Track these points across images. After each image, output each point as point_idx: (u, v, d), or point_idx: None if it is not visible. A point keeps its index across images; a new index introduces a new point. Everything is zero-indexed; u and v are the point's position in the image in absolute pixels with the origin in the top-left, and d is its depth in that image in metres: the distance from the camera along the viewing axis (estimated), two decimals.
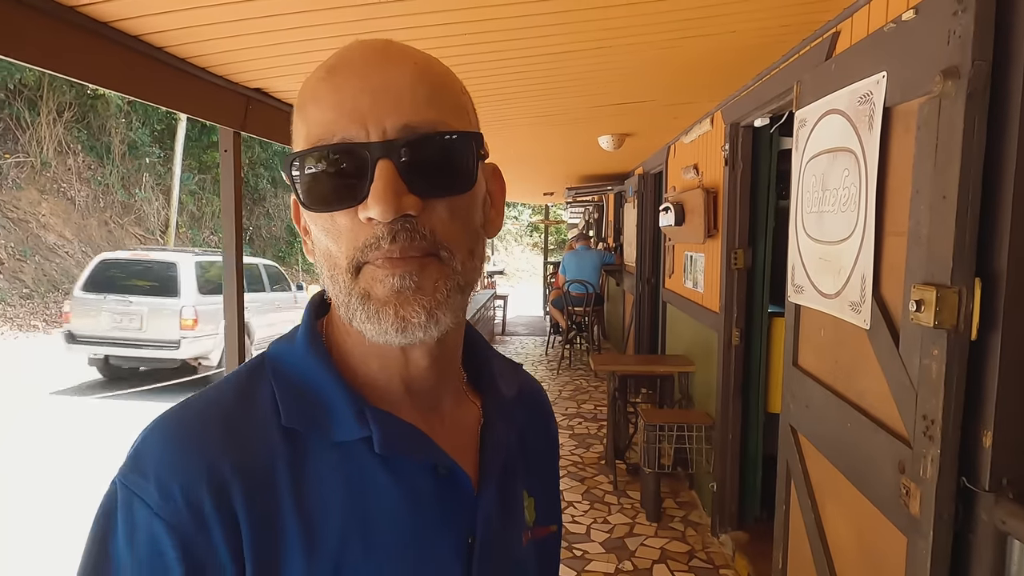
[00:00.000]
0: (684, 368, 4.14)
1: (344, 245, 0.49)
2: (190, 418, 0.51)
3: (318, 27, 1.83)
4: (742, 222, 3.22)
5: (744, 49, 2.39)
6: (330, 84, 0.49)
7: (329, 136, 0.48)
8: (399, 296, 0.48)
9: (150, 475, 0.47)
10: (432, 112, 0.49)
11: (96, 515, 0.48)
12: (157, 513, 0.46)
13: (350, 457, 0.51)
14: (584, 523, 3.58)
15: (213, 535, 0.46)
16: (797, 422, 2.18)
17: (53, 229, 13.44)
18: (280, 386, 0.53)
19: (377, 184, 0.46)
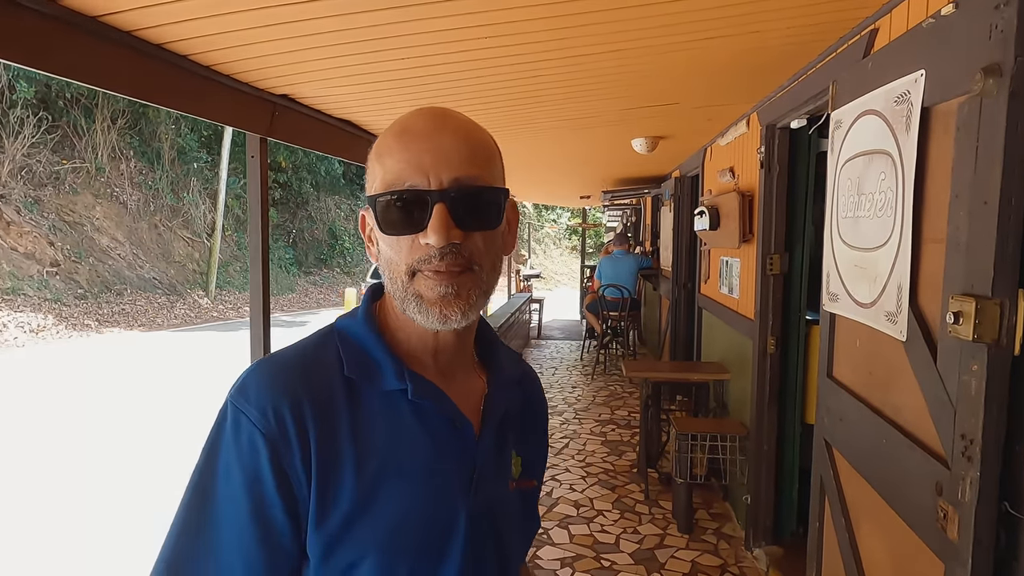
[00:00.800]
0: (719, 376, 4.04)
1: (404, 257, 0.69)
2: (280, 363, 0.71)
3: (344, 32, 1.84)
4: (778, 226, 3.12)
5: (778, 48, 2.31)
6: (401, 143, 0.69)
7: (401, 182, 0.68)
8: (443, 300, 0.68)
9: (252, 399, 0.67)
10: (474, 169, 0.69)
11: (213, 425, 0.68)
12: (256, 425, 0.65)
13: (392, 403, 0.71)
14: (613, 532, 3.51)
15: (292, 445, 0.65)
16: (831, 436, 2.09)
17: (106, 232, 13.96)
18: (344, 347, 0.73)
19: (435, 220, 0.66)
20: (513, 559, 0.82)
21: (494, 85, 2.51)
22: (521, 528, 0.86)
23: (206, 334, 11.78)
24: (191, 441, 2.54)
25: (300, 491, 0.66)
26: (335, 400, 0.69)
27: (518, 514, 0.83)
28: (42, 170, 13.05)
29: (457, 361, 0.78)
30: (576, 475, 4.37)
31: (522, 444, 0.84)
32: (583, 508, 3.84)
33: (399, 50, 1.98)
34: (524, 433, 0.85)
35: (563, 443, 5.06)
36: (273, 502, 0.65)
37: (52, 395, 7.04)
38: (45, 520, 3.95)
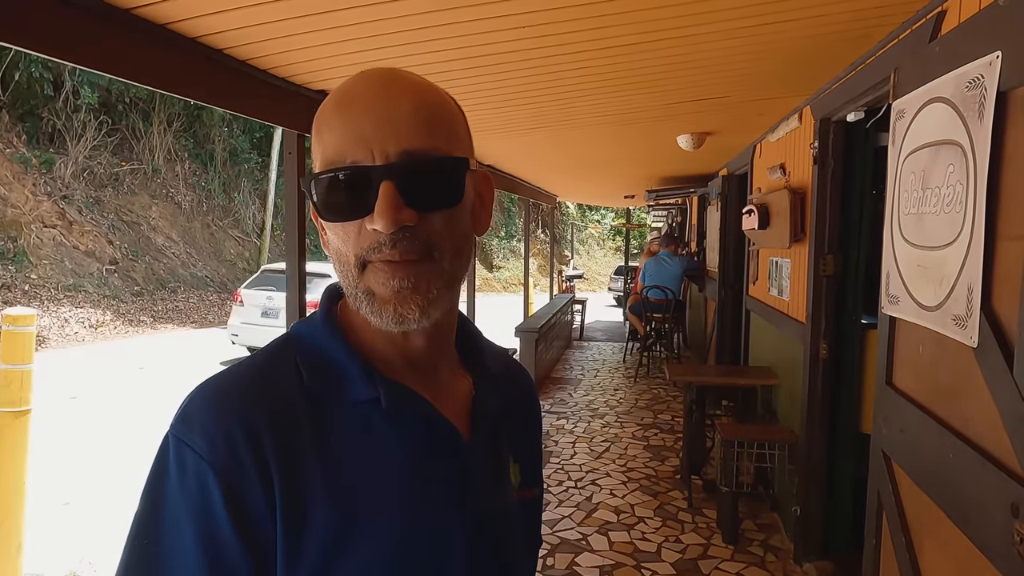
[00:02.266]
0: (767, 381, 3.88)
1: (352, 246, 0.58)
2: (228, 382, 0.60)
3: (381, 22, 1.80)
4: (832, 225, 2.96)
5: (838, 35, 2.18)
6: (340, 112, 0.58)
7: (341, 159, 0.57)
8: (398, 295, 0.58)
9: (196, 427, 0.56)
10: (427, 139, 0.57)
11: (152, 463, 0.57)
12: (203, 458, 0.54)
13: (363, 416, 0.61)
14: (655, 541, 3.41)
15: (250, 478, 0.54)
16: (890, 448, 1.95)
17: (161, 231, 14.43)
18: (303, 357, 0.62)
19: (381, 201, 0.55)
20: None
21: (535, 79, 2.45)
22: (527, 546, 0.76)
23: None
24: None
25: (264, 534, 0.54)
26: (297, 419, 0.58)
27: (522, 530, 0.72)
28: (103, 171, 13.56)
29: (435, 362, 0.67)
30: (617, 480, 4.27)
31: (518, 446, 0.75)
32: (624, 514, 3.73)
33: (436, 41, 1.93)
34: (519, 435, 0.76)
35: (604, 447, 4.96)
36: (233, 551, 0.53)
37: (115, 389, 7.29)
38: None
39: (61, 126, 12.88)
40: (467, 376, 0.72)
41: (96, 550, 3.50)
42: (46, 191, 12.15)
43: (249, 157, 17.23)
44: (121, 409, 6.42)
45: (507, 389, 0.76)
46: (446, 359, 0.70)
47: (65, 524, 3.87)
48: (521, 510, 0.72)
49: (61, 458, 4.99)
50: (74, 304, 11.07)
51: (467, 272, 0.66)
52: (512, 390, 0.78)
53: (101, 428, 5.77)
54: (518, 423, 0.77)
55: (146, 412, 6.31)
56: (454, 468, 0.64)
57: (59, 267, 11.50)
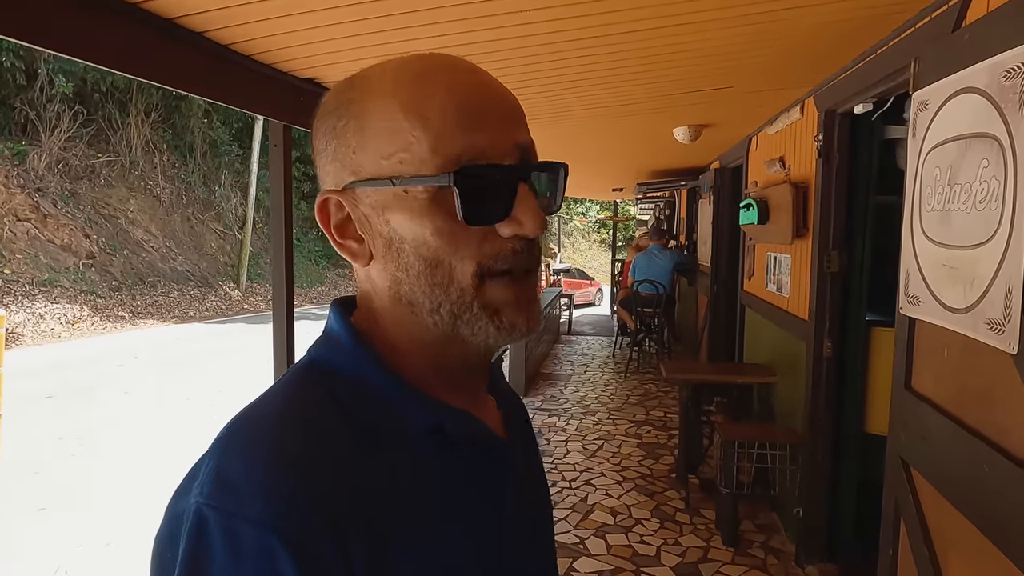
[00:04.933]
0: (765, 379, 3.81)
1: (472, 254, 0.51)
2: (268, 435, 0.49)
3: (372, 4, 1.67)
4: (837, 221, 2.88)
5: (847, 24, 2.09)
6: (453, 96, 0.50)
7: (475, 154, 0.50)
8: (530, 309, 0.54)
9: (246, 491, 0.44)
10: (529, 135, 0.54)
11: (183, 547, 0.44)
12: (267, 526, 0.43)
13: (425, 448, 0.53)
14: (654, 544, 3.33)
15: (323, 541, 0.44)
16: (910, 455, 1.87)
17: (140, 225, 14.11)
18: (341, 389, 0.53)
19: (530, 205, 0.51)
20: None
21: (533, 67, 2.33)
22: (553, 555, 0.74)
23: (237, 326, 11.84)
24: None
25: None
26: (361, 467, 0.49)
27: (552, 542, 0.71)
28: (78, 163, 13.22)
29: (474, 377, 0.61)
30: (612, 480, 4.19)
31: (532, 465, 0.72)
32: (620, 516, 3.65)
33: (430, 26, 1.81)
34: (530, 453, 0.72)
35: (597, 445, 4.87)
36: None
37: (104, 386, 7.08)
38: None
39: (35, 116, 12.53)
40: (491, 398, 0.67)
41: (72, 557, 3.35)
42: (19, 183, 11.82)
43: (229, 149, 16.91)
44: (99, 408, 6.23)
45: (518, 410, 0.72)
46: (483, 380, 0.65)
47: (40, 530, 3.71)
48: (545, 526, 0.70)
49: (36, 461, 4.81)
50: (49, 299, 10.78)
51: None
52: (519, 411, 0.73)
53: (78, 428, 5.59)
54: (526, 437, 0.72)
55: (125, 411, 6.13)
56: (513, 485, 0.60)
57: (33, 261, 11.19)
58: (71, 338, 10.06)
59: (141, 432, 5.54)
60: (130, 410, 6.21)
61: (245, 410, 0.52)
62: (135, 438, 5.36)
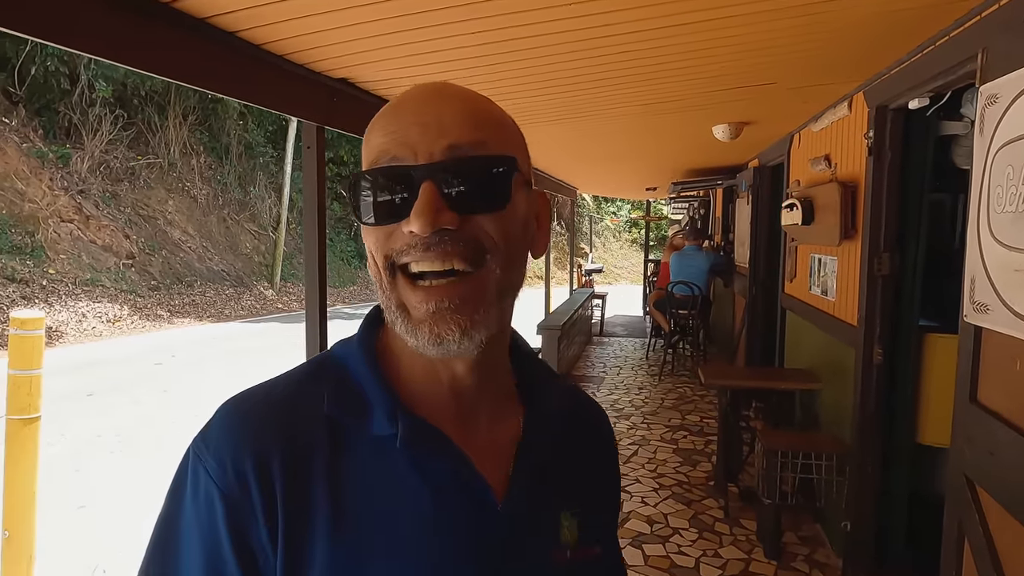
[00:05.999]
0: (808, 385, 3.68)
1: (381, 249, 0.55)
2: (253, 402, 0.58)
3: (401, 1, 1.62)
4: (889, 221, 2.75)
5: (906, 13, 1.97)
6: (388, 117, 0.56)
7: (383, 158, 0.54)
8: (434, 316, 0.53)
9: (211, 446, 0.55)
10: (477, 133, 0.54)
11: (177, 469, 0.58)
12: (213, 479, 0.53)
13: (383, 452, 0.56)
14: (692, 555, 3.22)
15: (255, 506, 0.53)
16: (975, 472, 1.75)
17: (178, 225, 14.39)
18: (334, 381, 0.59)
19: (420, 202, 0.52)
20: None
21: (573, 64, 2.26)
22: None
23: (271, 325, 11.99)
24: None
25: (264, 564, 0.53)
26: (313, 450, 0.55)
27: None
28: (119, 166, 13.52)
29: (481, 394, 0.60)
30: (648, 487, 4.09)
31: (579, 500, 0.64)
32: (657, 525, 3.56)
33: (469, 22, 1.75)
34: (581, 485, 0.66)
35: (632, 450, 4.77)
36: (232, 572, 0.53)
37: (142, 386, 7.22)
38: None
39: (77, 120, 12.85)
40: (518, 410, 0.64)
41: (111, 557, 3.39)
42: (63, 185, 12.13)
43: (264, 150, 17.15)
44: (138, 406, 6.33)
45: (570, 428, 0.67)
46: (495, 389, 0.62)
47: (80, 529, 3.77)
48: (577, 571, 0.62)
49: (76, 458, 4.90)
50: (91, 299, 11.04)
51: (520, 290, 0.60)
52: (575, 424, 0.69)
53: (117, 425, 5.68)
54: (580, 462, 0.67)
55: (163, 409, 6.22)
56: (482, 525, 0.57)
57: (76, 262, 11.48)
58: (111, 336, 10.29)
59: (178, 430, 5.61)
60: (168, 408, 6.30)
61: (261, 382, 0.60)
62: (172, 436, 5.42)
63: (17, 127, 11.99)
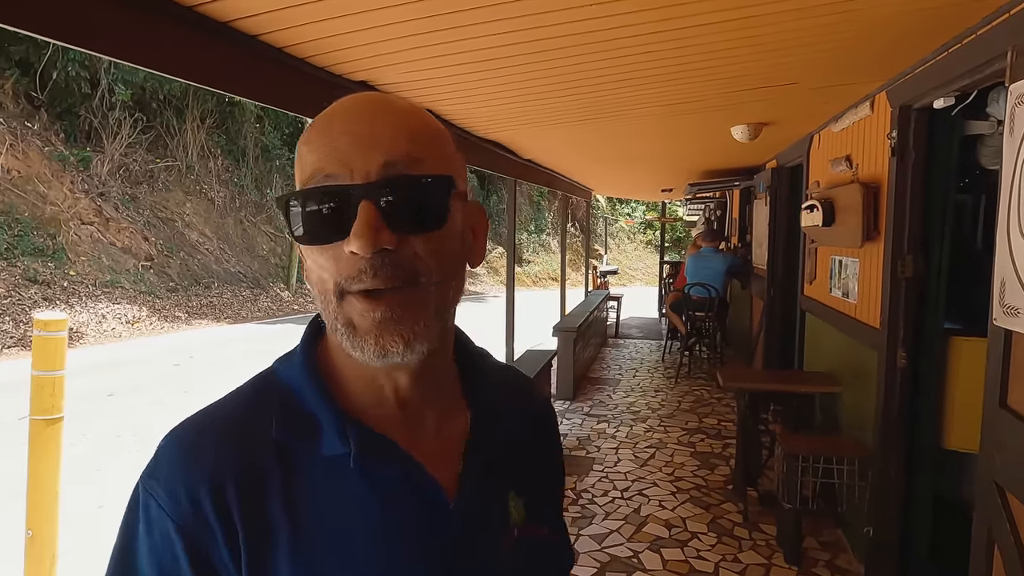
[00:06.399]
0: (829, 388, 3.64)
1: (331, 274, 0.54)
2: (196, 430, 0.58)
3: (425, 3, 1.62)
4: (913, 223, 2.71)
5: (933, 11, 1.94)
6: (318, 130, 0.55)
7: (318, 176, 0.53)
8: (379, 327, 0.54)
9: (161, 480, 0.55)
10: (412, 148, 0.54)
11: (125, 510, 0.57)
12: (167, 513, 0.53)
13: (334, 470, 0.57)
14: (711, 560, 3.20)
15: (214, 533, 0.53)
16: (1006, 479, 1.72)
17: (195, 227, 14.53)
18: (279, 402, 0.59)
19: (359, 222, 0.51)
20: None
21: (595, 64, 2.24)
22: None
23: (287, 326, 12.06)
24: None
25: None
26: (265, 473, 0.55)
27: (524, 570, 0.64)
28: (138, 168, 13.68)
29: (424, 400, 0.62)
30: (665, 490, 4.06)
31: (523, 479, 0.67)
32: (675, 529, 3.53)
33: (490, 23, 1.75)
34: (526, 468, 0.69)
35: (649, 453, 4.75)
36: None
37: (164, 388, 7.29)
38: None
39: (98, 124, 13.01)
40: (465, 410, 0.66)
41: None
42: (83, 188, 12.29)
43: (280, 153, 17.26)
44: (157, 406, 6.40)
45: (514, 417, 0.70)
46: (439, 396, 0.64)
47: (101, 528, 3.81)
48: (524, 550, 0.64)
49: (97, 458, 4.95)
50: (111, 300, 11.17)
51: (459, 301, 0.61)
52: (521, 417, 0.72)
53: (136, 425, 5.74)
54: (526, 453, 0.70)
55: (182, 409, 6.27)
56: (433, 526, 0.59)
57: (96, 263, 11.63)
58: (131, 337, 10.40)
59: None
60: (186, 409, 6.33)
61: (204, 407, 0.60)
62: None
63: (39, 131, 12.17)
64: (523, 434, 0.71)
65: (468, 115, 3.05)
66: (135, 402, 6.55)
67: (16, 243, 10.49)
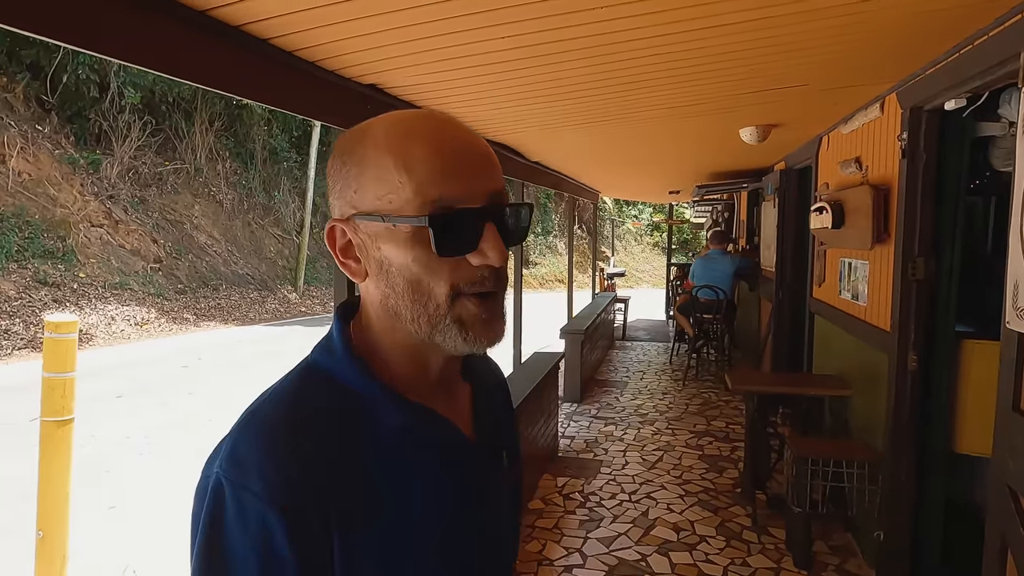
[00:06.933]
0: (839, 392, 3.61)
1: (446, 278, 0.64)
2: (269, 421, 0.63)
3: (434, 6, 1.62)
4: (924, 225, 2.69)
5: (945, 12, 1.92)
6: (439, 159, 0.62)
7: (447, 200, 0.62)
8: (485, 323, 0.65)
9: (251, 469, 0.59)
10: (501, 181, 0.67)
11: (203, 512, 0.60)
12: (260, 497, 0.57)
13: (394, 442, 0.66)
14: (720, 563, 3.18)
15: (311, 521, 0.58)
16: (1019, 483, 1.71)
17: (204, 230, 14.59)
18: (330, 388, 0.67)
19: (492, 240, 0.63)
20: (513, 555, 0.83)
21: (603, 67, 2.24)
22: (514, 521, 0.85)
23: (295, 328, 12.10)
24: None
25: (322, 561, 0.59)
26: (340, 452, 0.63)
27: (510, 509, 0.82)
28: (147, 171, 13.75)
29: (449, 378, 0.75)
30: (673, 493, 4.05)
31: (504, 439, 0.83)
32: (684, 532, 3.52)
33: (495, 27, 1.75)
34: (504, 429, 0.85)
35: (656, 456, 4.73)
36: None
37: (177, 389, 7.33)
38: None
39: (107, 127, 13.10)
40: (464, 384, 0.78)
41: (141, 557, 3.43)
42: (93, 191, 12.37)
43: (288, 155, 17.33)
44: (165, 408, 6.43)
45: (493, 389, 0.85)
46: (455, 373, 0.76)
47: (110, 529, 3.82)
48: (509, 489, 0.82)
49: (107, 459, 4.98)
50: (120, 302, 11.24)
51: None
52: (495, 389, 0.86)
53: (145, 427, 5.77)
54: (501, 417, 0.85)
55: (190, 411, 6.30)
56: (471, 474, 0.72)
57: (106, 265, 11.70)
58: (140, 339, 10.46)
59: (205, 432, 5.68)
60: (194, 411, 6.38)
61: (258, 401, 0.66)
62: (199, 438, 5.50)
63: (49, 134, 12.26)
64: (498, 401, 0.86)
65: (476, 118, 3.05)
66: (144, 404, 6.59)
67: (27, 245, 10.57)
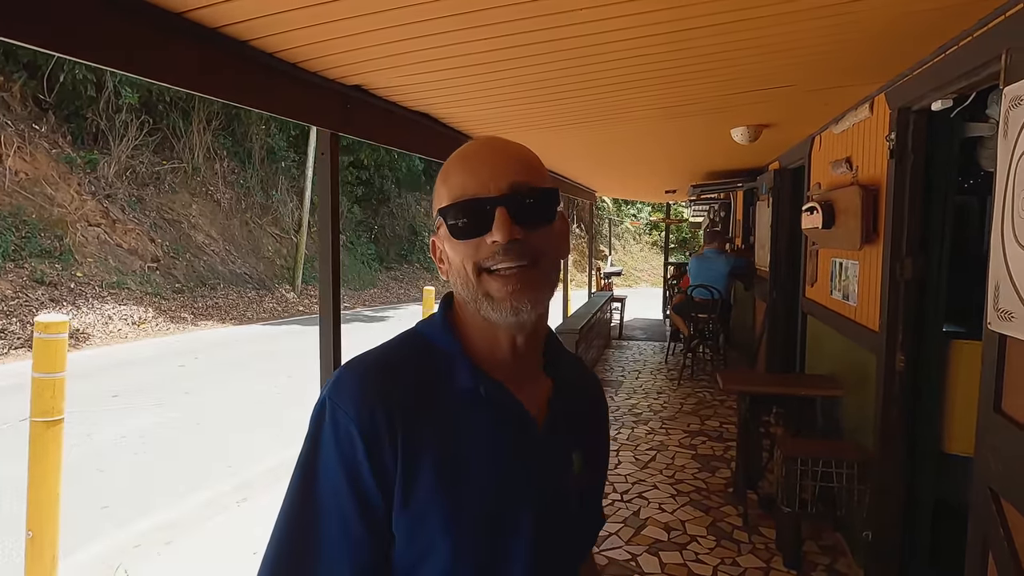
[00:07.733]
0: (830, 392, 3.62)
1: (472, 257, 0.77)
2: (370, 364, 0.79)
3: (418, 7, 1.62)
4: (912, 225, 2.69)
5: (929, 13, 1.93)
6: (461, 163, 0.79)
7: (464, 195, 0.76)
8: (513, 294, 0.76)
9: (345, 395, 0.75)
10: (526, 175, 0.78)
11: (312, 418, 0.77)
12: (351, 418, 0.74)
13: (466, 402, 0.78)
14: (710, 563, 3.18)
15: (383, 439, 0.73)
16: (1001, 484, 1.71)
17: (201, 229, 14.58)
18: (425, 350, 0.81)
19: (497, 220, 0.74)
20: (575, 554, 0.89)
21: (588, 68, 2.24)
22: (583, 525, 0.91)
23: (292, 327, 12.10)
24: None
25: (389, 480, 0.73)
26: (418, 399, 0.76)
27: (578, 510, 0.87)
28: (144, 171, 13.74)
29: (526, 364, 0.83)
30: (665, 493, 4.05)
31: (583, 443, 0.88)
32: (674, 532, 3.52)
33: (478, 28, 1.75)
34: (586, 434, 0.91)
35: (650, 455, 4.74)
36: (371, 488, 0.73)
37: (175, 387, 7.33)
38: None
39: (104, 126, 13.08)
40: (548, 379, 0.87)
41: (133, 556, 3.44)
42: (90, 190, 12.36)
43: (286, 155, 17.33)
44: (161, 408, 6.43)
45: (579, 393, 0.92)
46: (534, 364, 0.86)
47: (103, 528, 3.83)
48: (580, 493, 0.87)
49: (100, 459, 4.98)
50: (117, 301, 11.23)
51: (558, 282, 0.84)
52: (584, 395, 0.94)
53: (141, 427, 5.77)
54: (586, 423, 0.92)
55: (186, 411, 6.30)
56: (530, 450, 0.80)
57: (103, 265, 11.69)
58: (137, 338, 10.45)
59: (201, 432, 5.68)
60: (190, 410, 6.38)
61: (368, 350, 0.81)
62: (195, 438, 5.49)
63: (47, 133, 12.25)
64: (583, 406, 0.92)
65: (464, 118, 3.05)
66: (140, 403, 6.58)
67: (24, 244, 10.56)
